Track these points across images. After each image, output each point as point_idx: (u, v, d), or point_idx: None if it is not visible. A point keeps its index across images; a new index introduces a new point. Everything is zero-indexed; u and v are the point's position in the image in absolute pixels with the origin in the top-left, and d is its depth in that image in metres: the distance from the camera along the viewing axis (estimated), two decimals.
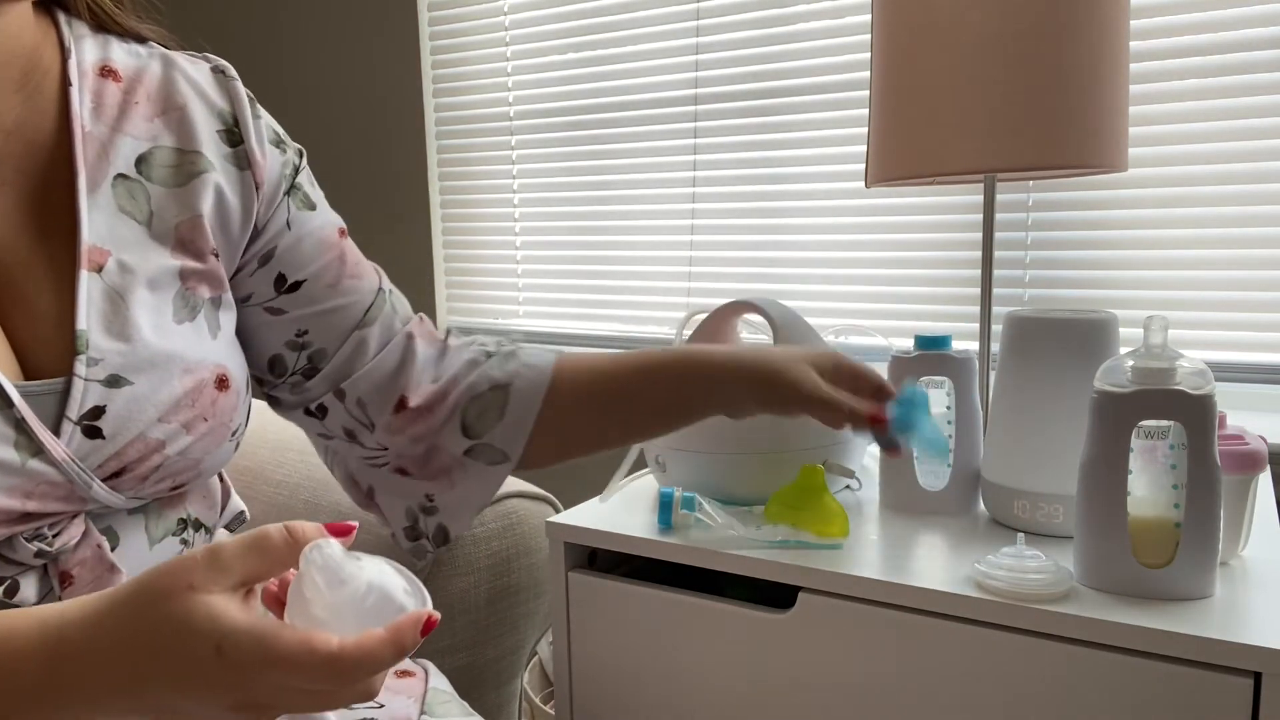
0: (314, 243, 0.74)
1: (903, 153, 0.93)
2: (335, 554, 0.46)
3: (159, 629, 0.45)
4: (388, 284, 0.80)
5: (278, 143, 0.73)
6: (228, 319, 0.69)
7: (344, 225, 0.78)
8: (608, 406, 0.79)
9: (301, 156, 0.76)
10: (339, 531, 0.48)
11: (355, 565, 0.46)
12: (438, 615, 0.47)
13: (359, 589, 0.46)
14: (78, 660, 0.46)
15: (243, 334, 0.72)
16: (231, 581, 0.45)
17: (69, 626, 0.46)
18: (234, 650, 0.44)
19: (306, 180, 0.76)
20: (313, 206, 0.75)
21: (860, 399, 0.72)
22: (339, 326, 0.75)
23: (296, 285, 0.73)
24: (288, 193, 0.73)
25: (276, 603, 0.49)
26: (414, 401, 0.77)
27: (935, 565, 0.77)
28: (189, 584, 0.45)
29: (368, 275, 0.77)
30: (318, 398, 0.77)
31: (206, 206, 0.67)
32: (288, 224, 0.73)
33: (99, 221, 0.62)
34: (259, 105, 0.72)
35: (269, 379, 0.75)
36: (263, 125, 0.72)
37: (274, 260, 0.72)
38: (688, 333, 1.00)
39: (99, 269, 0.61)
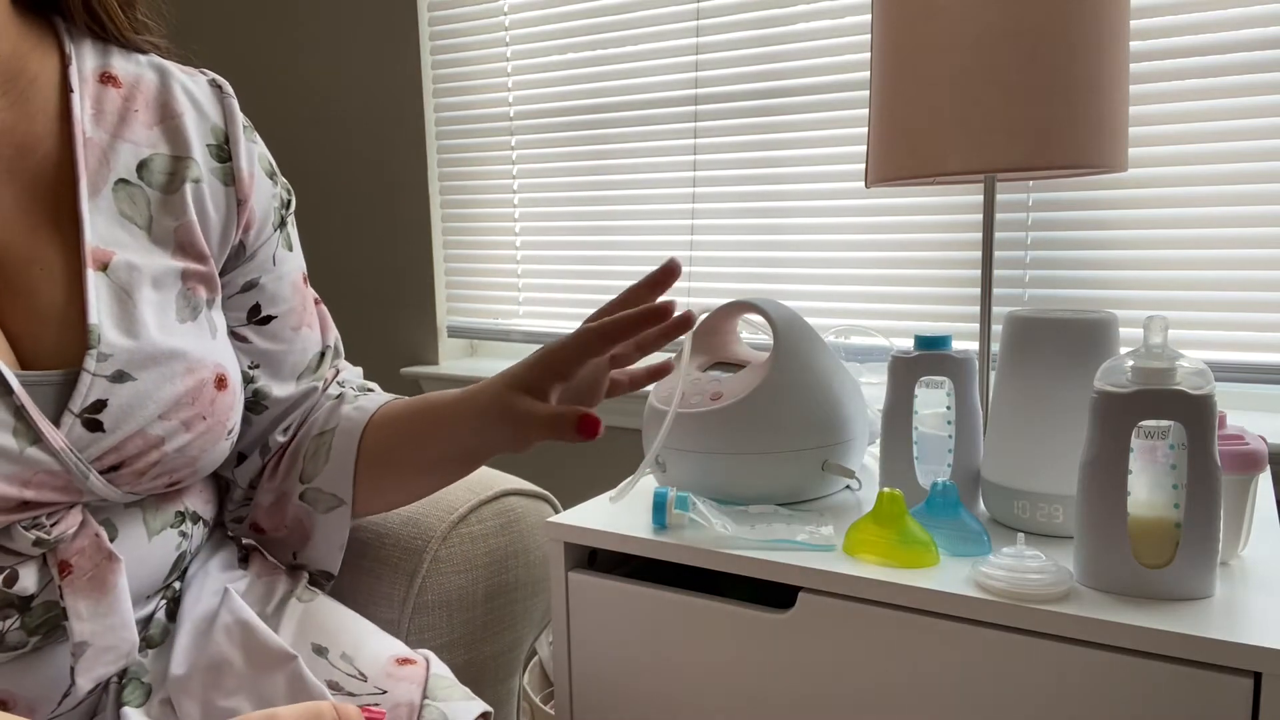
0: (288, 284, 0.77)
1: (902, 153, 0.93)
2: None
3: None
4: (334, 337, 0.83)
5: (271, 174, 0.75)
6: (221, 321, 0.71)
7: (306, 272, 0.81)
8: (392, 457, 0.76)
9: (290, 194, 0.79)
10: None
11: None
12: None
13: None
14: None
15: None
16: None
17: None
18: None
19: (291, 221, 0.79)
20: (290, 248, 0.78)
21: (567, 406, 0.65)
22: (288, 369, 0.78)
23: (267, 319, 0.76)
24: (278, 227, 0.76)
25: None
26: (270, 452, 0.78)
27: (935, 565, 0.77)
28: None
29: (316, 326, 0.81)
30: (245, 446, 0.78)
31: (193, 212, 0.68)
32: (273, 259, 0.76)
33: (100, 224, 0.63)
34: (255, 133, 0.75)
35: None
36: (255, 151, 0.73)
37: (255, 290, 0.75)
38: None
39: (104, 267, 0.62)
